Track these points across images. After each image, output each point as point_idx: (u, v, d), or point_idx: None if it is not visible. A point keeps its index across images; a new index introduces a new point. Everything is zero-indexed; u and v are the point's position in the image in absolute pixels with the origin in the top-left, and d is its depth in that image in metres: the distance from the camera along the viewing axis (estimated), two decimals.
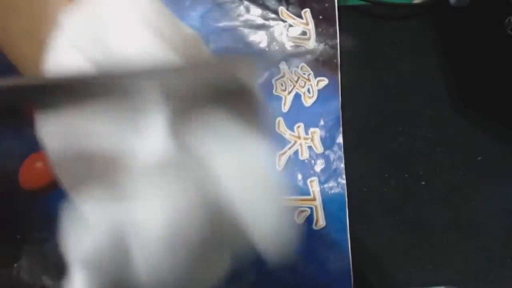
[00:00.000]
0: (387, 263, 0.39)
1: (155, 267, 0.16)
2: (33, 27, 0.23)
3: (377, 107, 0.42)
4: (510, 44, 0.42)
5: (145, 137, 0.16)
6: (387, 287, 0.39)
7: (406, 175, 0.41)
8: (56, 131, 0.17)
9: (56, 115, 0.16)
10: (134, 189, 0.16)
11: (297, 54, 0.41)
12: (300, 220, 0.38)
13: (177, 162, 0.16)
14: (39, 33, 0.23)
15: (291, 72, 0.41)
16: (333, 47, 0.42)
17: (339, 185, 0.39)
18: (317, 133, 0.40)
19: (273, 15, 0.42)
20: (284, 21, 0.42)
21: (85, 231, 0.17)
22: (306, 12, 0.42)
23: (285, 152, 0.39)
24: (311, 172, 0.39)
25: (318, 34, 0.42)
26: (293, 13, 0.42)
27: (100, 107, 0.16)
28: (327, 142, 0.40)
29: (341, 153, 0.40)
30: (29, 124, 0.17)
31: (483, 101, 0.42)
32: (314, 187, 0.39)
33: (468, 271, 0.39)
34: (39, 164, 0.31)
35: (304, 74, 0.41)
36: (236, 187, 0.17)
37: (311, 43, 0.42)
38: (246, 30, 0.42)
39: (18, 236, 0.37)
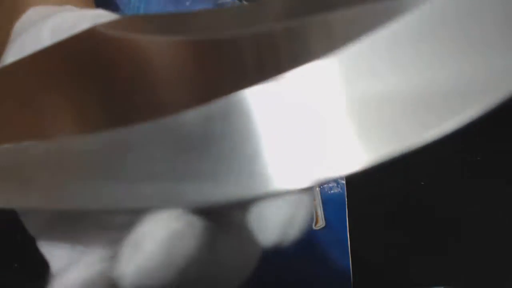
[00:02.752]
0: (387, 263, 0.39)
1: None
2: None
3: None
4: None
5: None
6: (387, 287, 0.39)
7: (406, 175, 0.41)
8: None
9: None
10: None
11: None
12: None
13: None
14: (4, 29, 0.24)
15: None
16: None
17: (339, 185, 0.39)
18: None
19: None
20: None
21: None
22: None
23: None
24: None
25: None
26: None
27: None
28: None
29: None
30: None
31: None
32: (314, 187, 0.39)
33: (468, 271, 0.39)
34: None
35: None
36: None
37: None
38: None
39: (18, 236, 0.37)
